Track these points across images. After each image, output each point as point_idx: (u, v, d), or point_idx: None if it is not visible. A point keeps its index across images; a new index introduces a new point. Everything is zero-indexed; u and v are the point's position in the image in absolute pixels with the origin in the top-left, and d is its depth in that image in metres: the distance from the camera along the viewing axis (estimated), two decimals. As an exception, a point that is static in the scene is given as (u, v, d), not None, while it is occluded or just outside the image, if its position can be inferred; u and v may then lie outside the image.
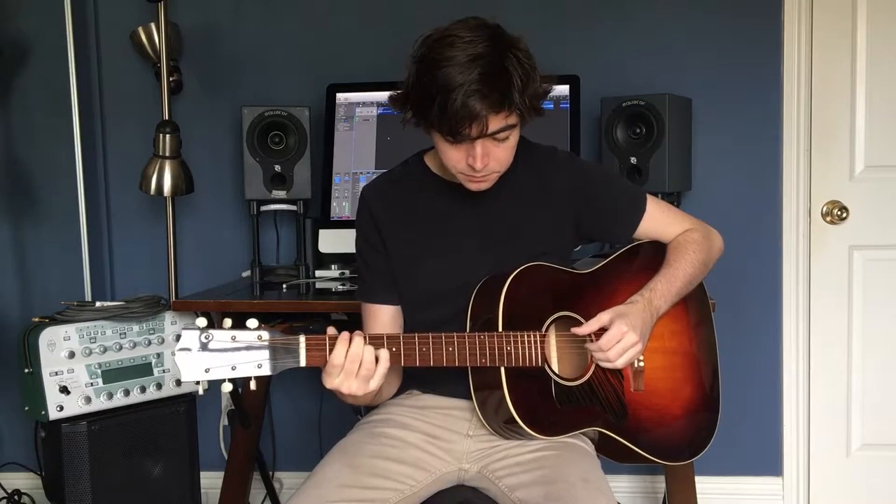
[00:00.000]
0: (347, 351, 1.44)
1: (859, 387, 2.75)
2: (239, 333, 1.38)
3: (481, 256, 1.68)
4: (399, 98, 1.58)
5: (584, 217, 1.74)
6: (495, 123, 1.50)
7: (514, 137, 1.57)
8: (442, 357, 1.52)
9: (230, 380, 1.39)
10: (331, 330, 1.48)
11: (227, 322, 1.40)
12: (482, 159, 1.54)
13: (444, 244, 1.70)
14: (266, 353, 1.39)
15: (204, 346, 1.37)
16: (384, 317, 1.74)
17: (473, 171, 1.56)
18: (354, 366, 1.45)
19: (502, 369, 1.56)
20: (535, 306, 1.62)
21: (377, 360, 1.47)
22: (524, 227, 1.70)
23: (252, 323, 1.40)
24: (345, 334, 1.46)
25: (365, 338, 1.47)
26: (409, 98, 1.55)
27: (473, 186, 1.62)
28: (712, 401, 1.80)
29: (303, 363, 1.42)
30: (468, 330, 1.63)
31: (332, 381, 1.47)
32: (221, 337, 1.38)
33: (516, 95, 1.49)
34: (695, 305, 1.80)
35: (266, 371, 1.40)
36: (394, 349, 1.49)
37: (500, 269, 1.63)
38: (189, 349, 1.36)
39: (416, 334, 1.52)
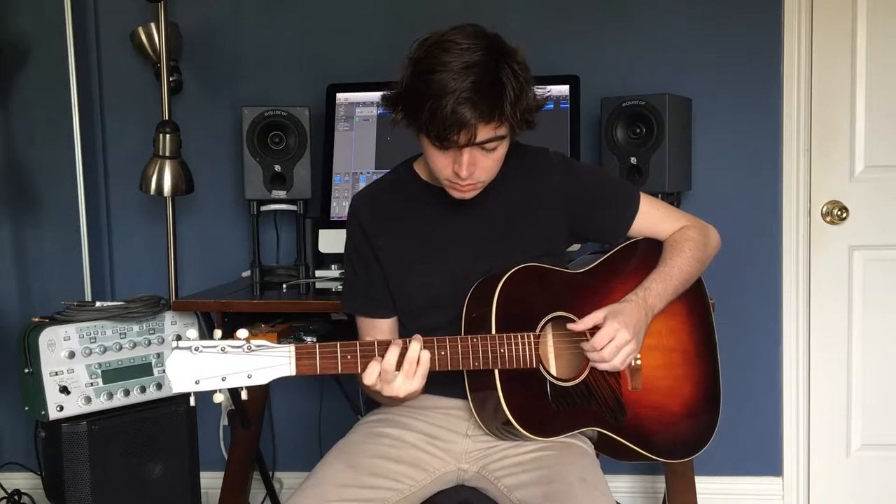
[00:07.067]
0: (403, 357, 1.47)
1: (859, 387, 2.75)
2: (228, 344, 1.38)
3: (475, 262, 1.67)
4: (391, 98, 1.58)
5: (578, 217, 1.74)
6: (484, 133, 1.50)
7: (502, 148, 1.57)
8: (435, 361, 1.52)
9: (221, 391, 1.40)
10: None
11: (217, 333, 1.41)
12: (468, 167, 1.53)
13: (436, 251, 1.70)
14: (256, 363, 1.39)
15: (194, 358, 1.37)
16: (384, 328, 1.74)
17: (458, 179, 1.56)
18: (413, 367, 1.48)
19: (496, 372, 1.55)
20: (530, 307, 1.62)
21: (419, 360, 1.49)
22: (518, 231, 1.70)
23: (242, 333, 1.40)
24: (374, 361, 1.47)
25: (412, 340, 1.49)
26: (401, 99, 1.55)
27: (457, 195, 1.61)
28: (712, 399, 1.80)
29: (293, 372, 1.42)
30: (462, 332, 1.63)
31: (384, 387, 1.49)
32: (211, 348, 1.38)
33: (508, 107, 1.49)
34: (693, 303, 1.80)
35: (256, 381, 1.40)
36: None
37: (494, 271, 1.62)
38: (179, 361, 1.37)
39: (408, 339, 1.51)
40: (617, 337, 1.56)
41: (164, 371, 2.42)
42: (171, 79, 2.66)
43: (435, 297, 1.68)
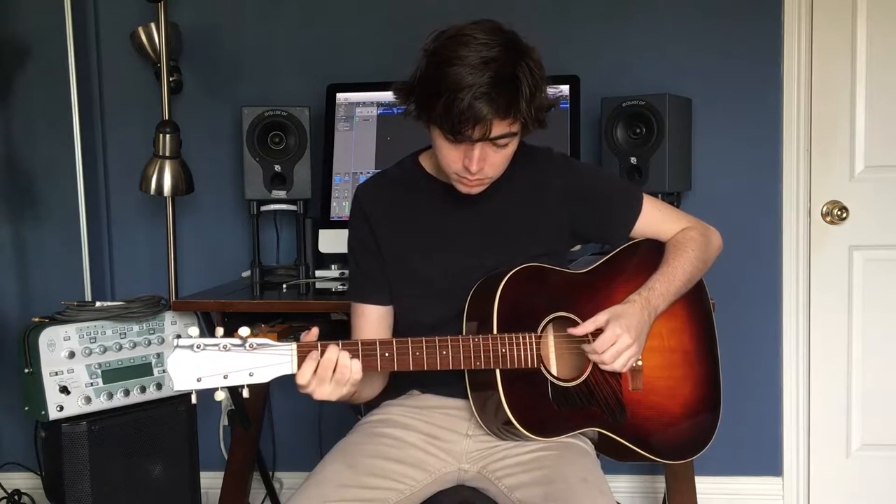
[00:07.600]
0: (319, 361, 1.45)
1: (859, 387, 2.75)
2: (230, 342, 1.39)
3: (477, 257, 1.67)
4: (404, 89, 1.57)
5: (580, 218, 1.74)
6: (498, 129, 1.50)
7: (512, 145, 1.57)
8: (436, 361, 1.52)
9: (223, 388, 1.40)
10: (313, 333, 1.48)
11: (220, 331, 1.41)
12: (478, 162, 1.53)
13: (439, 245, 1.70)
14: (258, 361, 1.40)
15: (195, 356, 1.37)
16: (372, 316, 1.73)
17: (468, 173, 1.56)
18: (328, 373, 1.45)
19: (497, 372, 1.55)
20: (532, 307, 1.62)
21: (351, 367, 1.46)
22: (520, 229, 1.70)
23: (244, 331, 1.40)
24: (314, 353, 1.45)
25: (339, 344, 1.46)
26: (415, 90, 1.54)
27: (464, 189, 1.61)
28: (713, 400, 1.79)
29: (294, 370, 1.43)
30: (463, 332, 1.63)
31: (306, 390, 1.48)
32: (212, 346, 1.38)
33: (523, 104, 1.49)
34: (694, 304, 1.80)
35: (258, 379, 1.40)
36: (387, 354, 1.49)
37: (496, 271, 1.62)
38: (180, 359, 1.37)
39: (409, 339, 1.51)
40: (619, 342, 1.56)
41: (164, 371, 2.42)
42: (171, 79, 2.66)
43: (437, 291, 1.68)
